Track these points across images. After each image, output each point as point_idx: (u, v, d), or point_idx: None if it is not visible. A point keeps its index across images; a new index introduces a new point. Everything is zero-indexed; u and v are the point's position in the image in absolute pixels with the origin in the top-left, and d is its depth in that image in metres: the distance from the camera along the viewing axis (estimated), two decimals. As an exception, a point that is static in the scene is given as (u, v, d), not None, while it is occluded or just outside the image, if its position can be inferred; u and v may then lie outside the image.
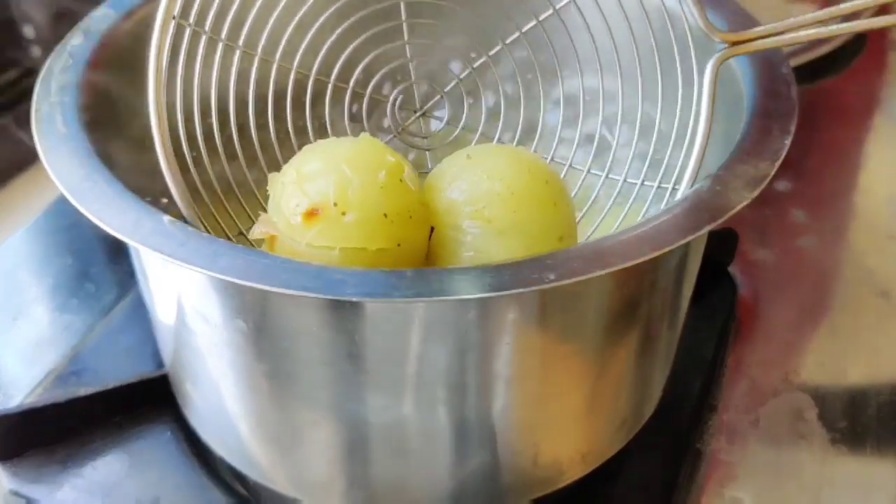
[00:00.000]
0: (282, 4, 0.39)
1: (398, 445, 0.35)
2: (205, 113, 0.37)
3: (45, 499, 0.41)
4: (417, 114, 0.43)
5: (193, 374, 0.38)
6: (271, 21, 0.39)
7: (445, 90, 0.43)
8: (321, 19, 0.40)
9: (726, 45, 0.36)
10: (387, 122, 0.43)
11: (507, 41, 0.42)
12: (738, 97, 0.37)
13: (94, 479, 0.42)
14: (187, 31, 0.36)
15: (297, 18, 0.39)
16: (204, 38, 0.37)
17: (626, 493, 0.41)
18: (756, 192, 0.31)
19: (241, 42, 0.38)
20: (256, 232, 0.34)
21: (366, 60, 0.41)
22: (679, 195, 0.36)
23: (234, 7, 0.37)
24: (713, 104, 0.36)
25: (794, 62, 0.65)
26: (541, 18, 0.41)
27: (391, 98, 0.42)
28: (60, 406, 0.43)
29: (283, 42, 0.39)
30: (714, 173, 0.33)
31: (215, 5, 0.37)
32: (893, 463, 0.43)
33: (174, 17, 0.35)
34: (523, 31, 0.41)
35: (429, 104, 0.44)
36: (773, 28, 0.35)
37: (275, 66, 0.39)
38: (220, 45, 0.38)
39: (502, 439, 0.35)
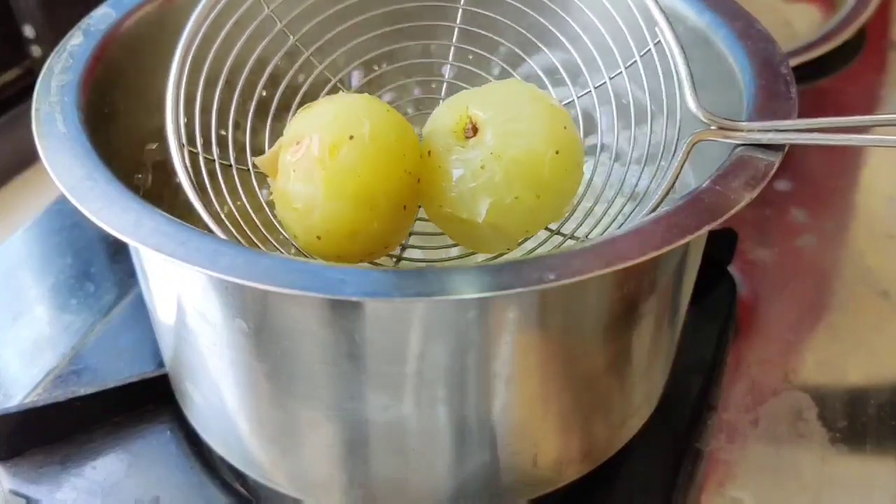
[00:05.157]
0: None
1: (398, 445, 0.35)
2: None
3: (45, 498, 0.41)
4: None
5: (193, 374, 0.38)
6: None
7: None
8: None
9: (712, 126, 0.34)
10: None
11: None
12: (738, 96, 0.37)
13: (94, 478, 0.42)
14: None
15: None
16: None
17: (625, 493, 0.41)
18: (756, 192, 0.31)
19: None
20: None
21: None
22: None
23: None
24: (678, 174, 0.34)
25: (794, 62, 0.65)
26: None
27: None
28: (60, 406, 0.43)
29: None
30: (713, 173, 0.33)
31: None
32: (893, 462, 0.43)
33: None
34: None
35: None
36: (765, 125, 0.34)
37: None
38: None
39: (502, 439, 0.35)
